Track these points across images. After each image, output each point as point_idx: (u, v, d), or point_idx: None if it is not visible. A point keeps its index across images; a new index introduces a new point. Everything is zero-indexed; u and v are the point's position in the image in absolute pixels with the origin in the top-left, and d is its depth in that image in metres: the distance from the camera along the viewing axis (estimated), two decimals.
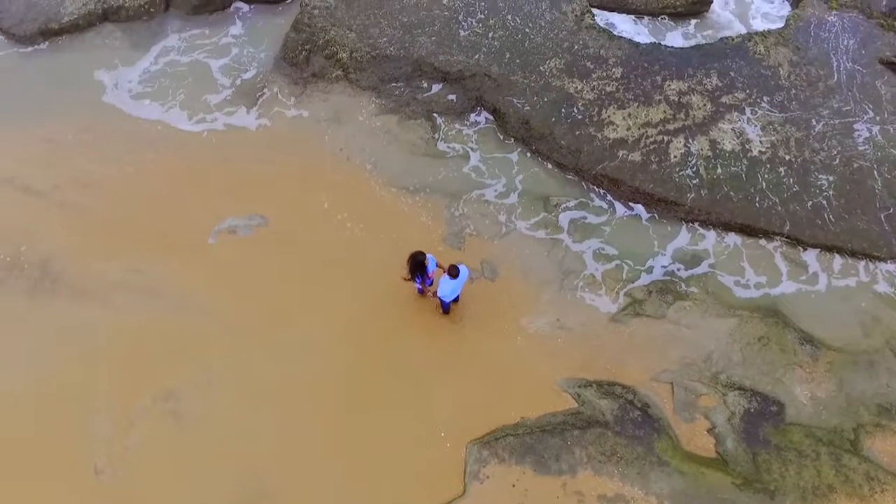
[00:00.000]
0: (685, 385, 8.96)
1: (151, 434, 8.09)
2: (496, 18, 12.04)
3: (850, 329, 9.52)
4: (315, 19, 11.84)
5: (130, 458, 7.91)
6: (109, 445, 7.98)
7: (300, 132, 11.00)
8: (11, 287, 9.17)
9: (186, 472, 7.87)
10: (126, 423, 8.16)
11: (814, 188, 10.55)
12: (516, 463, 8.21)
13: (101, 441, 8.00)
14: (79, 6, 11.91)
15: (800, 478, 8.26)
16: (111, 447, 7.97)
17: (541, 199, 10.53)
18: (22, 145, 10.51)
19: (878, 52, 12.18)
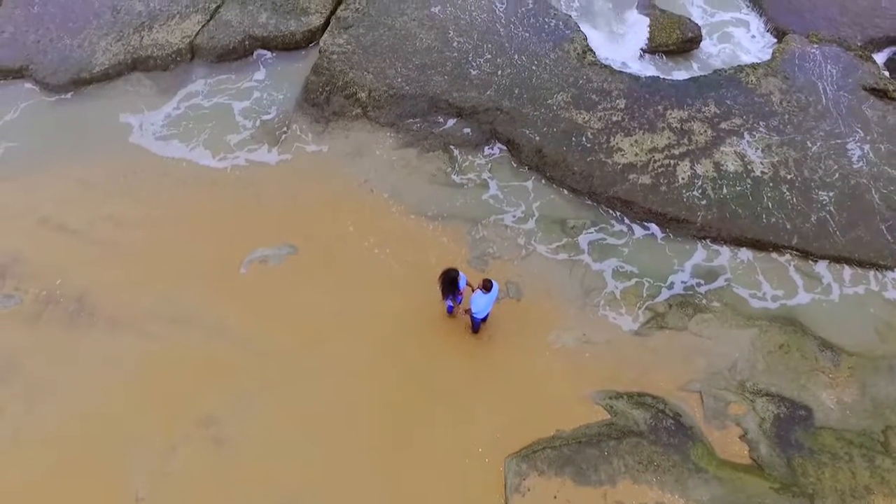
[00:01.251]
0: (713, 394, 9.14)
1: (192, 460, 8.09)
2: (503, 58, 12.82)
3: (866, 335, 9.82)
4: (334, 63, 12.56)
5: (172, 484, 7.88)
6: (150, 472, 7.96)
7: (323, 166, 11.47)
8: (49, 320, 9.31)
9: (228, 497, 7.84)
10: (167, 450, 8.16)
11: (816, 204, 11.08)
12: (556, 475, 8.25)
13: (142, 468, 7.98)
14: (109, 57, 12.58)
15: (836, 480, 8.35)
16: (152, 474, 7.95)
17: (558, 223, 10.96)
18: (57, 186, 10.86)
19: (860, 80, 13.03)
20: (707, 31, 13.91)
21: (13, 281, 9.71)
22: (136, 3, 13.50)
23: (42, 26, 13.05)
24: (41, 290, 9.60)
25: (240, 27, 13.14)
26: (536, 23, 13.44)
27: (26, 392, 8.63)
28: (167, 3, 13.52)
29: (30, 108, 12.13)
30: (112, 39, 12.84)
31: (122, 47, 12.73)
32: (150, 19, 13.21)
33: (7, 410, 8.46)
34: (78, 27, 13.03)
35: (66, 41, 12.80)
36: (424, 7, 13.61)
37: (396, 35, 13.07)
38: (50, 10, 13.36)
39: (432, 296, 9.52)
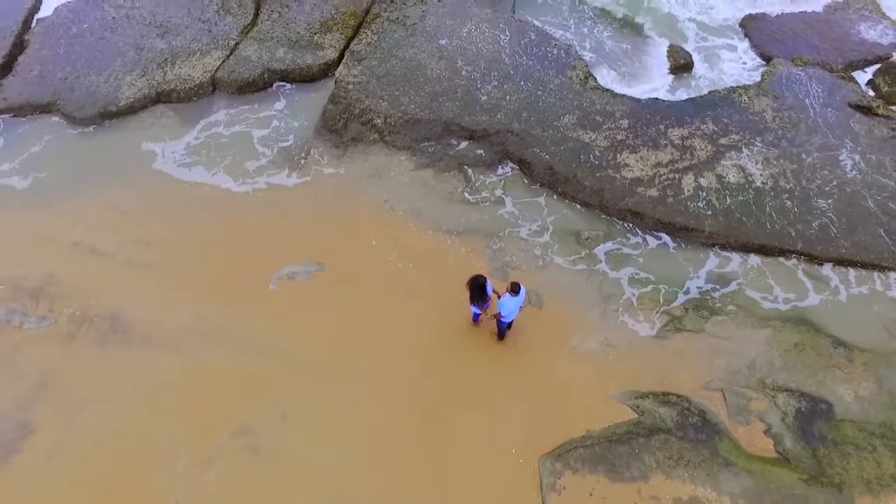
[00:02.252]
0: (735, 391, 9.41)
1: (231, 468, 8.16)
2: (510, 84, 13.54)
3: (875, 332, 10.21)
4: (350, 92, 13.19)
5: (211, 493, 7.92)
6: (189, 482, 8.00)
7: (344, 188, 11.90)
8: (83, 339, 9.46)
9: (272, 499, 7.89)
10: (204, 460, 8.23)
11: (816, 210, 11.65)
12: (590, 472, 8.40)
13: (181, 478, 8.03)
14: (134, 91, 13.13)
15: (862, 470, 8.56)
16: (191, 484, 7.99)
17: (573, 235, 11.40)
18: (86, 212, 11.17)
19: (845, 98, 13.87)
20: (702, 57, 14.78)
21: (47, 302, 9.89)
22: (159, 42, 14.17)
23: (69, 65, 13.63)
24: (75, 311, 9.78)
25: (258, 62, 13.80)
26: (539, 52, 14.25)
27: (63, 408, 8.70)
28: (188, 41, 14.21)
29: (56, 141, 12.54)
30: (136, 75, 13.43)
31: (146, 82, 13.31)
32: (173, 56, 13.86)
33: (45, 427, 8.51)
34: (103, 65, 13.62)
35: (92, 78, 13.36)
36: (432, 40, 14.40)
37: (408, 66, 13.79)
38: (76, 49, 13.97)
39: (457, 306, 9.88)
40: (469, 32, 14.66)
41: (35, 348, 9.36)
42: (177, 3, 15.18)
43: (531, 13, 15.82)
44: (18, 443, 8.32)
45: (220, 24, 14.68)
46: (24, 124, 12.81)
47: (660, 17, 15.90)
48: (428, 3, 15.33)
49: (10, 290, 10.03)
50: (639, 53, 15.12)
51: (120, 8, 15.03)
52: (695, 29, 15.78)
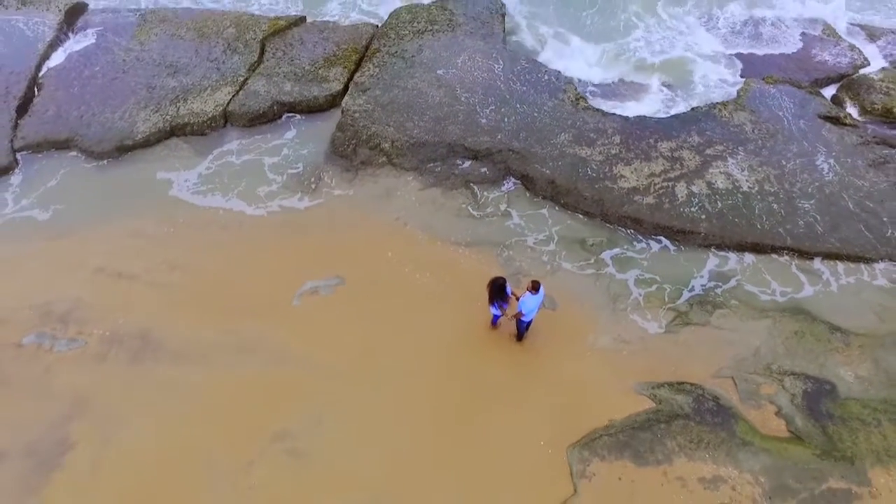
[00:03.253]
0: (744, 377, 9.93)
1: (273, 471, 8.35)
2: (507, 107, 14.41)
3: (867, 318, 10.89)
4: (357, 120, 13.91)
5: (256, 497, 8.08)
6: (233, 487, 8.16)
7: (357, 207, 12.45)
8: (115, 359, 9.66)
9: (309, 502, 8.06)
10: (245, 465, 8.41)
11: (801, 210, 12.50)
12: (616, 459, 8.76)
13: (225, 484, 8.19)
14: (150, 125, 13.67)
15: (870, 443, 9.06)
16: (235, 488, 8.15)
17: (578, 242, 12.02)
18: (108, 239, 11.50)
19: (815, 110, 15.00)
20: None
21: (76, 326, 10.10)
22: (170, 80, 14.83)
23: (83, 104, 14.17)
24: (104, 332, 10.00)
25: (267, 95, 14.51)
26: (531, 78, 15.23)
27: (99, 425, 8.84)
28: (198, 79, 14.90)
29: (72, 174, 12.95)
30: (150, 111, 14.01)
31: (160, 117, 13.88)
32: (184, 92, 14.50)
33: (82, 443, 8.63)
34: (117, 103, 14.19)
35: (107, 115, 13.90)
36: (431, 70, 15.31)
37: (410, 94, 14.61)
38: (89, 90, 14.55)
39: (475, 311, 10.37)
40: (464, 62, 15.62)
41: (67, 369, 9.53)
42: (185, 45, 15.94)
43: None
44: (59, 459, 8.42)
45: (228, 62, 15.43)
46: (41, 160, 13.21)
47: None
48: (424, 38, 16.33)
49: (38, 315, 10.23)
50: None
51: (130, 51, 15.73)
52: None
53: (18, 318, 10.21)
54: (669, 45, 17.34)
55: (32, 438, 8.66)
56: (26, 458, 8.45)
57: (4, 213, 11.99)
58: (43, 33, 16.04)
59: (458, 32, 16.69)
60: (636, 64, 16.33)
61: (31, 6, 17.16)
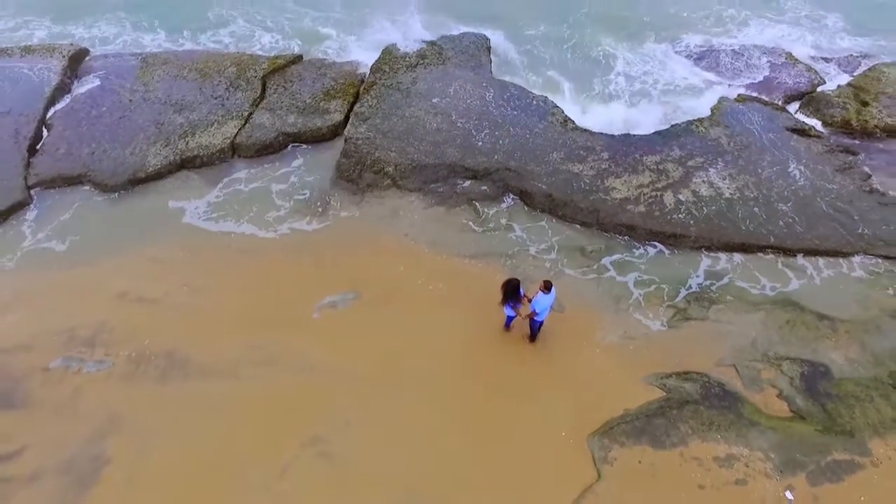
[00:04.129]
0: (745, 365, 10.58)
1: (306, 475, 8.60)
2: (501, 131, 15.33)
3: (850, 306, 11.72)
4: (360, 146, 14.64)
5: (291, 499, 8.31)
6: (268, 491, 8.39)
7: (366, 227, 13.02)
8: (143, 377, 9.89)
9: (347, 500, 8.32)
10: (279, 471, 8.65)
11: (780, 212, 13.47)
12: (635, 444, 9.24)
13: (260, 489, 8.41)
14: (160, 159, 14.19)
15: (866, 417, 9.72)
16: (270, 493, 8.37)
17: (578, 250, 12.74)
18: (127, 266, 11.81)
19: (783, 124, 16.26)
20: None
21: (102, 348, 10.32)
22: (177, 117, 15.45)
23: (94, 141, 14.65)
24: (131, 352, 10.24)
25: (272, 127, 15.20)
26: (521, 103, 16.24)
27: (133, 441, 9.01)
28: (204, 115, 15.55)
29: (85, 207, 13.30)
30: (160, 145, 14.55)
31: (170, 151, 14.42)
32: (192, 127, 15.11)
33: (117, 458, 8.77)
34: (127, 139, 14.72)
35: (118, 150, 14.39)
36: (426, 100, 16.23)
37: (408, 122, 15.45)
38: (98, 128, 15.07)
39: (488, 316, 10.93)
40: (456, 91, 16.60)
41: (96, 389, 9.71)
42: (188, 85, 16.64)
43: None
44: (95, 474, 8.55)
45: (232, 98, 16.15)
46: (54, 195, 13.56)
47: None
48: (417, 71, 17.33)
49: (63, 340, 10.44)
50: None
51: (135, 92, 16.36)
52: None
53: (43, 343, 10.40)
54: (644, 73, 18.69)
55: (67, 457, 8.79)
56: (62, 475, 8.56)
57: (23, 245, 12.24)
58: (48, 78, 16.59)
59: (448, 65, 17.74)
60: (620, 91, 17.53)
61: (34, 54, 17.76)
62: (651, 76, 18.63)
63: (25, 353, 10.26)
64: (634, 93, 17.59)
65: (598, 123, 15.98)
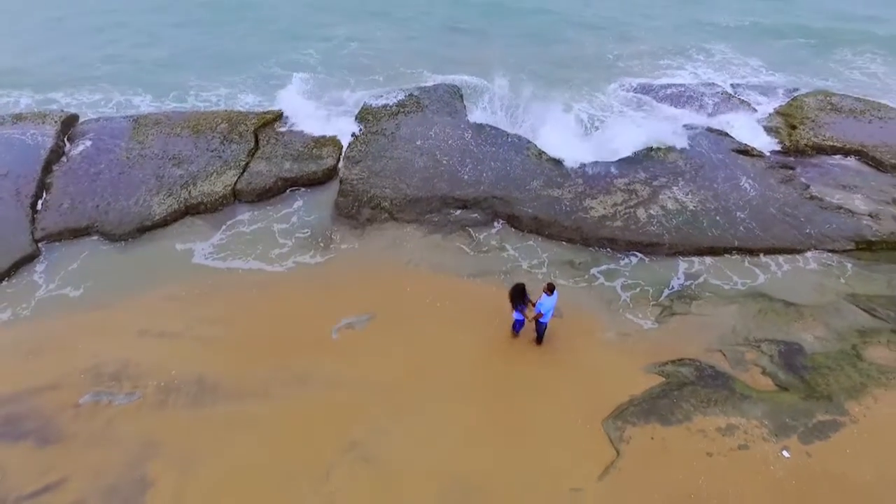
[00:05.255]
0: (730, 349, 11.75)
1: (350, 477, 9.05)
2: (483, 165, 16.73)
3: (810, 294, 13.20)
4: (356, 186, 15.71)
5: (338, 498, 8.73)
6: (316, 493, 8.78)
7: (370, 257, 13.89)
8: (175, 404, 10.20)
9: (397, 492, 8.82)
10: (323, 475, 9.06)
11: (738, 219, 15.14)
12: (645, 423, 10.13)
13: (308, 492, 8.79)
14: (165, 207, 14.82)
15: (840, 383, 10.96)
16: (318, 494, 8.76)
17: (567, 263, 13.92)
18: (144, 306, 12.20)
19: (729, 146, 18.35)
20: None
21: (130, 381, 10.60)
22: (176, 170, 16.21)
23: (97, 195, 15.19)
24: (160, 383, 10.56)
25: (270, 174, 16.14)
26: (498, 141, 17.81)
27: (174, 462, 9.26)
28: (202, 166, 16.38)
29: (94, 255, 13.76)
30: (164, 196, 15.22)
31: (173, 200, 15.09)
32: (192, 178, 15.88)
33: (161, 480, 8.99)
34: (130, 192, 15.33)
35: (122, 202, 14.96)
36: (411, 142, 17.60)
37: (397, 162, 16.69)
38: (100, 184, 15.63)
39: (495, 326, 11.87)
40: (437, 134, 18.07)
41: (130, 419, 9.96)
42: (183, 141, 17.51)
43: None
44: (140, 497, 8.73)
45: (227, 150, 17.08)
46: (61, 247, 13.94)
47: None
48: (398, 118, 18.79)
49: (90, 377, 10.68)
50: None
51: (131, 150, 17.09)
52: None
53: (70, 382, 10.60)
54: (600, 111, 20.79)
55: (110, 482, 8.95)
56: (107, 500, 8.71)
57: (37, 295, 12.50)
58: (43, 142, 17.17)
59: (427, 112, 19.31)
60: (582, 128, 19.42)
61: (25, 121, 18.38)
62: (606, 112, 20.71)
63: (53, 391, 10.44)
64: (594, 127, 19.45)
65: (568, 155, 17.58)
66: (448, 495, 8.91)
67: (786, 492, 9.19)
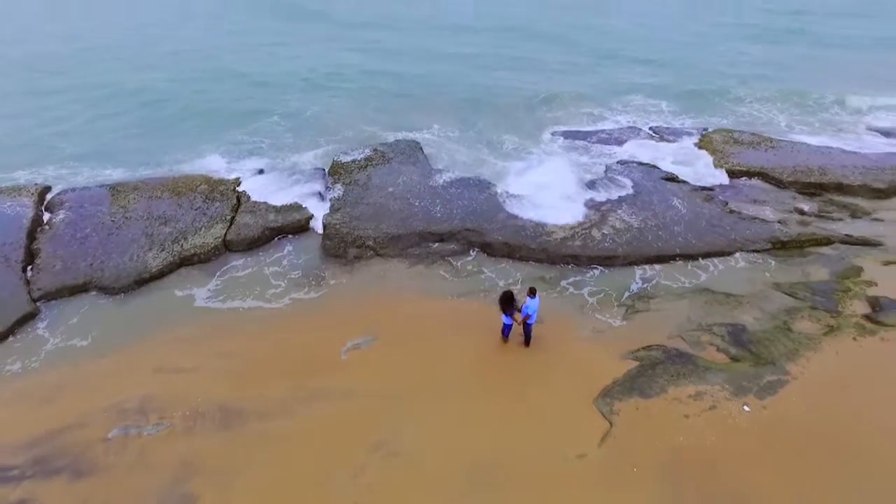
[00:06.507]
0: (688, 334, 13.70)
1: (383, 470, 9.96)
2: (452, 204, 18.62)
3: (744, 286, 15.55)
4: (340, 229, 17.11)
5: (376, 489, 9.62)
6: (355, 486, 9.62)
7: (362, 289, 15.14)
8: (203, 429, 10.81)
9: (428, 477, 9.80)
10: (358, 471, 9.94)
11: (676, 232, 17.62)
12: (629, 398, 11.70)
13: (347, 486, 9.62)
14: (160, 260, 15.58)
15: (779, 351, 13.05)
16: (357, 487, 9.61)
17: (539, 279, 15.72)
18: (155, 347, 12.78)
19: (658, 175, 21.27)
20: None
21: (155, 413, 11.13)
22: (165, 228, 17.05)
23: (89, 256, 15.75)
24: (185, 412, 11.15)
25: (256, 224, 17.28)
26: (464, 183, 19.86)
27: (215, 478, 9.83)
28: (190, 223, 17.31)
29: (95, 309, 14.28)
30: (157, 250, 15.99)
31: (167, 254, 15.89)
32: (182, 234, 16.77)
33: (205, 495, 9.53)
34: (122, 250, 16.00)
35: (116, 260, 15.59)
36: (383, 189, 19.32)
37: (374, 207, 18.30)
38: (89, 246, 16.21)
39: (486, 335, 13.32)
40: (405, 181, 19.93)
41: (162, 446, 10.47)
42: (166, 203, 18.43)
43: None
44: None
45: (212, 208, 18.13)
46: (60, 304, 14.35)
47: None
48: (368, 170, 20.58)
49: (114, 413, 11.12)
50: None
51: (115, 214, 17.81)
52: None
53: (95, 420, 11.00)
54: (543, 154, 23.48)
55: (154, 503, 9.44)
56: None
57: (45, 348, 12.83)
58: (24, 212, 17.63)
59: (392, 163, 21.25)
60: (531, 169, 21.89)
61: (2, 194, 18.72)
62: (548, 155, 23.38)
63: (78, 430, 10.80)
64: (540, 168, 21.93)
65: (524, 191, 19.85)
66: (474, 473, 9.99)
67: (750, 438, 10.89)
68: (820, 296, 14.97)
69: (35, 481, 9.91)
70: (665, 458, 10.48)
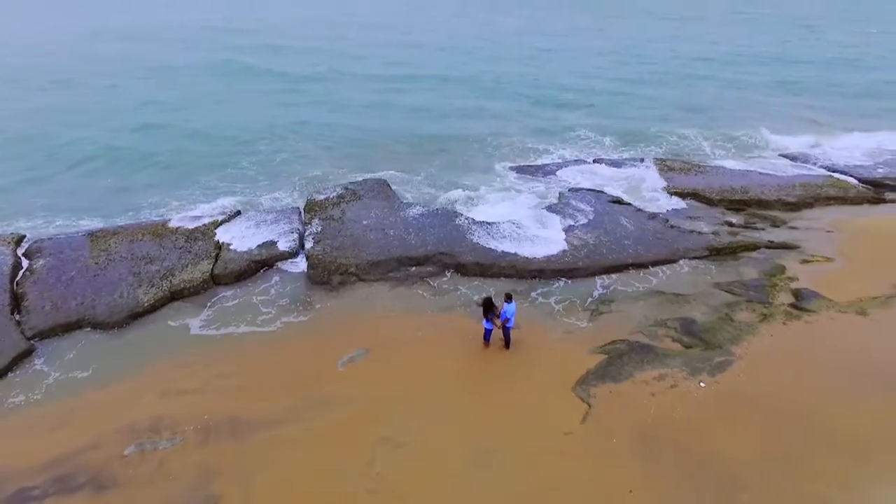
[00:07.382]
0: (646, 329, 15.49)
1: (391, 459, 10.95)
2: (425, 231, 20.13)
3: (688, 287, 17.64)
4: (322, 259, 18.24)
5: (387, 476, 10.59)
6: (367, 475, 10.56)
7: (348, 310, 16.22)
8: (216, 440, 11.48)
9: (429, 465, 10.86)
10: (368, 462, 10.89)
11: (627, 245, 19.72)
12: (602, 383, 13.22)
13: (359, 476, 10.55)
14: (151, 296, 16.18)
15: (724, 337, 15.00)
16: (368, 476, 10.55)
17: (511, 292, 17.25)
18: (158, 374, 13.33)
19: (606, 199, 23.64)
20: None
21: (168, 430, 11.71)
22: (151, 266, 17.69)
23: (79, 295, 16.19)
24: (196, 426, 11.79)
25: (242, 258, 18.18)
26: (434, 213, 21.48)
27: (235, 478, 10.51)
28: (175, 261, 18.02)
29: (91, 343, 14.72)
30: (147, 287, 16.60)
31: (157, 289, 16.52)
32: (169, 271, 17.45)
33: (228, 494, 10.23)
34: (111, 289, 16.51)
35: (106, 297, 16.09)
36: (358, 222, 20.68)
37: (353, 238, 19.58)
38: (77, 288, 16.64)
39: (468, 343, 14.67)
40: (378, 215, 21.37)
41: (179, 457, 11.07)
42: (147, 244, 19.08)
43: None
44: None
45: (195, 246, 18.92)
46: (55, 341, 14.70)
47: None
48: (341, 206, 21.92)
49: (127, 433, 11.64)
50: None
51: (97, 257, 18.30)
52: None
53: (109, 441, 11.48)
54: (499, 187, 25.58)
55: None
56: None
57: (47, 381, 13.17)
58: (3, 259, 17.85)
59: (364, 199, 22.69)
60: (490, 198, 23.86)
61: None
62: (504, 187, 25.48)
63: (95, 450, 11.25)
64: (498, 197, 23.95)
65: (489, 218, 21.67)
66: (477, 457, 11.11)
67: (707, 408, 12.56)
68: (753, 291, 17.20)
69: (57, 498, 10.30)
70: (639, 429, 11.96)
